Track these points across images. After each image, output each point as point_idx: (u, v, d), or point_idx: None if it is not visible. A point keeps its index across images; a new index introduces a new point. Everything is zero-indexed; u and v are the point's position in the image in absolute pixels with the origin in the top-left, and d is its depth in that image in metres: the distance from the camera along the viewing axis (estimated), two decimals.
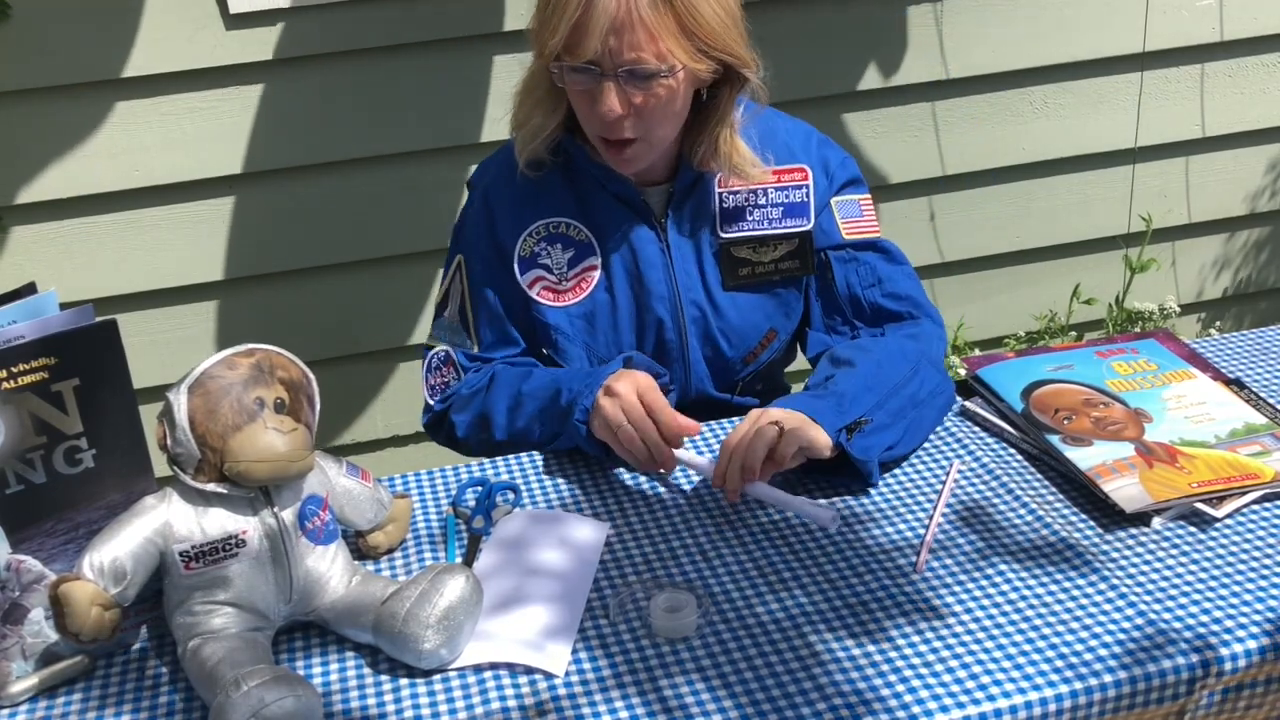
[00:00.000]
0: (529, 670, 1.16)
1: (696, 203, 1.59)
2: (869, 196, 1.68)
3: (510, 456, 1.52)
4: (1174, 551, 1.29)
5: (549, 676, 1.15)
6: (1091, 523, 1.34)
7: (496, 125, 2.39)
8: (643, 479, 1.46)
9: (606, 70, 1.39)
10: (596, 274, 1.58)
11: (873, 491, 1.42)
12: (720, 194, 1.59)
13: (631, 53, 1.37)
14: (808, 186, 1.60)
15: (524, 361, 1.61)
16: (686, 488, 1.44)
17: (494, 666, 1.16)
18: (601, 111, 1.41)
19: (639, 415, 1.39)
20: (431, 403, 1.64)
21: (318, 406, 1.21)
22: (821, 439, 1.34)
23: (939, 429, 1.54)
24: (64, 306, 1.20)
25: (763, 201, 1.59)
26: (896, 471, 1.45)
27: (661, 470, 1.44)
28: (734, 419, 1.58)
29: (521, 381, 1.53)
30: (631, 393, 1.40)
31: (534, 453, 1.52)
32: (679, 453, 1.41)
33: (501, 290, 1.60)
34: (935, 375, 1.51)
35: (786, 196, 1.60)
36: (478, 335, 1.62)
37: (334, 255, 2.45)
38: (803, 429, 1.34)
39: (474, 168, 1.72)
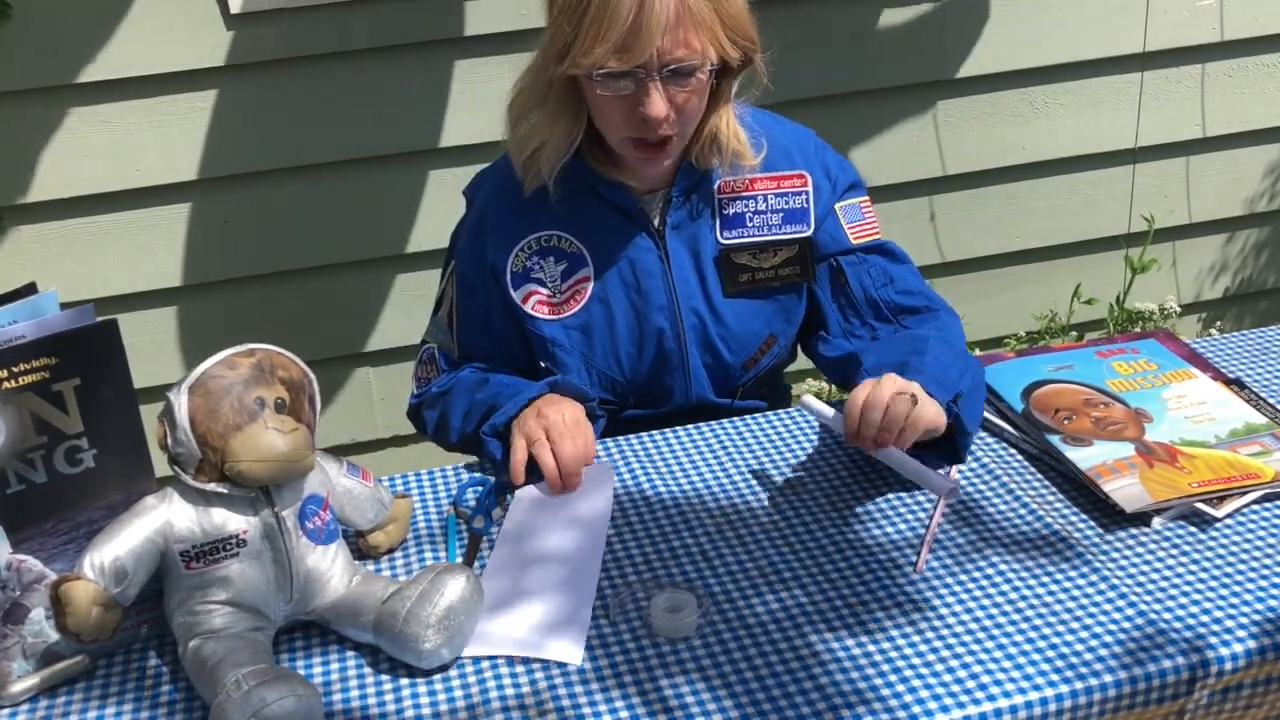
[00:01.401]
0: (530, 670, 1.16)
1: (695, 209, 1.58)
2: (868, 199, 1.67)
3: None
4: (1174, 551, 1.29)
5: (550, 677, 1.15)
6: (1091, 523, 1.34)
7: (490, 127, 2.38)
8: (642, 478, 1.47)
9: (651, 71, 1.39)
10: (590, 285, 1.58)
11: (873, 491, 1.42)
12: (720, 200, 1.58)
13: (678, 50, 1.38)
14: (807, 193, 1.60)
15: (488, 368, 1.63)
16: (687, 487, 1.45)
17: (507, 659, 1.16)
18: (647, 114, 1.41)
19: (558, 434, 1.42)
20: (415, 392, 1.70)
21: (318, 406, 1.21)
22: (940, 419, 1.35)
23: None
24: (64, 306, 1.20)
25: (762, 208, 1.59)
26: (897, 470, 1.45)
27: (558, 490, 1.42)
28: (735, 420, 1.59)
29: (476, 390, 1.57)
30: (559, 415, 1.43)
31: None
32: (807, 399, 1.43)
33: (485, 306, 1.61)
34: (975, 365, 1.53)
35: (786, 203, 1.60)
36: (458, 342, 1.64)
37: (334, 255, 2.45)
38: (926, 405, 1.34)
39: (474, 177, 1.71)
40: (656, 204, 1.58)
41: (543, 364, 1.61)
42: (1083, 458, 1.40)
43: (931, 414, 1.34)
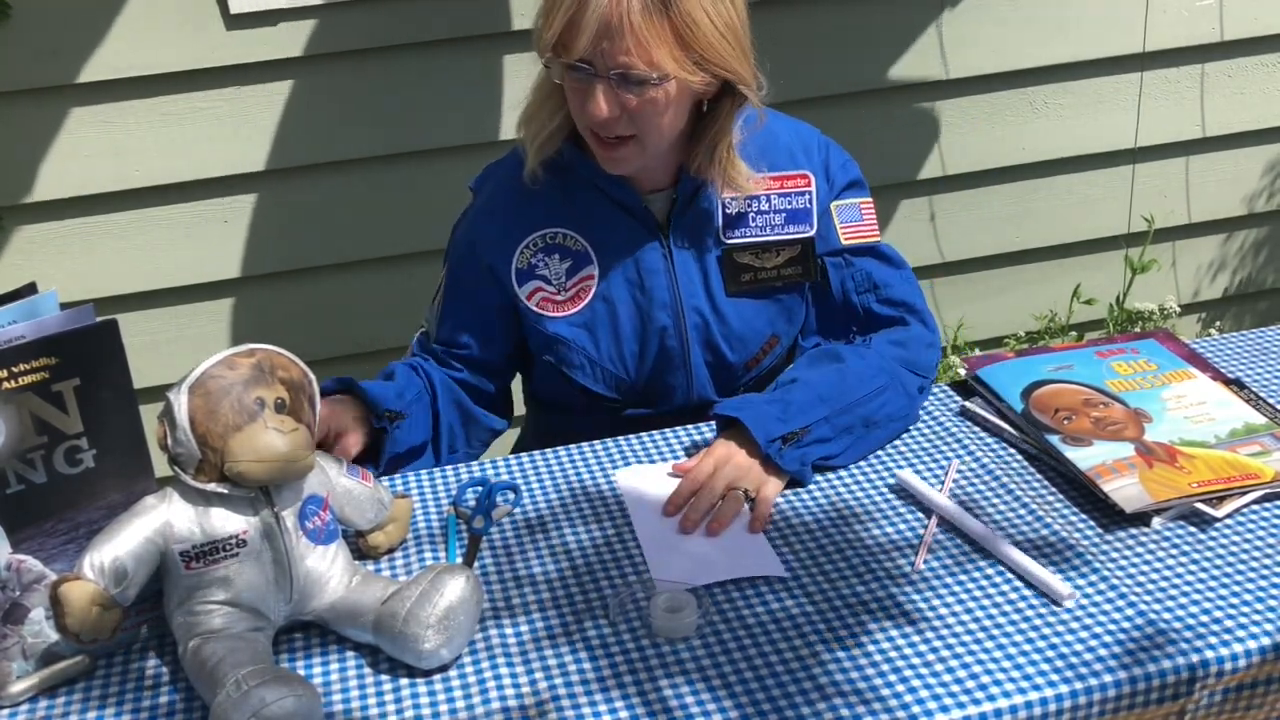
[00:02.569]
0: (530, 670, 1.16)
1: (699, 209, 1.58)
2: (870, 200, 1.67)
3: (510, 456, 1.52)
4: (1174, 551, 1.29)
5: (549, 677, 1.15)
6: (1091, 523, 1.34)
7: (489, 127, 2.39)
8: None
9: (599, 71, 1.39)
10: (594, 284, 1.58)
11: (872, 491, 1.42)
12: (723, 200, 1.58)
13: (623, 57, 1.37)
14: (810, 193, 1.60)
15: (426, 369, 1.62)
16: None
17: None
18: (590, 110, 1.42)
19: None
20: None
21: (318, 406, 1.21)
22: (776, 489, 1.40)
23: (938, 428, 1.54)
24: (64, 306, 1.20)
25: (765, 208, 1.59)
26: (896, 471, 1.44)
27: None
28: None
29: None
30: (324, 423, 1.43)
31: (534, 452, 1.52)
32: (904, 476, 1.42)
33: (472, 299, 1.62)
34: (900, 398, 1.50)
35: (789, 203, 1.60)
36: (437, 329, 1.65)
37: (335, 255, 2.45)
38: (764, 489, 1.38)
39: (481, 171, 1.71)
40: (661, 202, 1.58)
41: (547, 358, 1.61)
42: (1082, 458, 1.40)
43: (768, 493, 1.38)
